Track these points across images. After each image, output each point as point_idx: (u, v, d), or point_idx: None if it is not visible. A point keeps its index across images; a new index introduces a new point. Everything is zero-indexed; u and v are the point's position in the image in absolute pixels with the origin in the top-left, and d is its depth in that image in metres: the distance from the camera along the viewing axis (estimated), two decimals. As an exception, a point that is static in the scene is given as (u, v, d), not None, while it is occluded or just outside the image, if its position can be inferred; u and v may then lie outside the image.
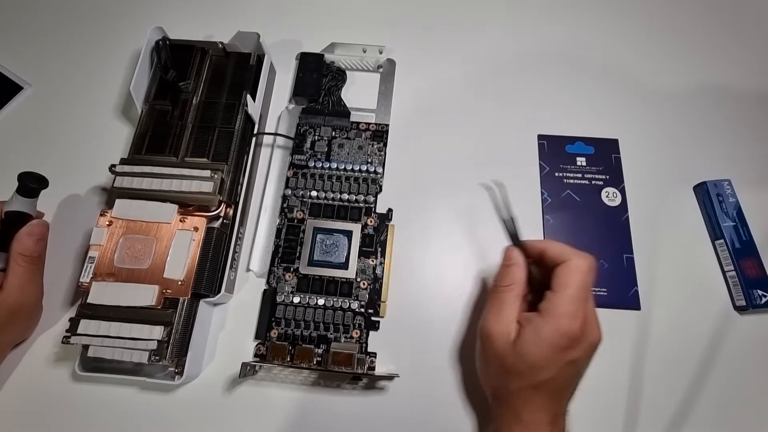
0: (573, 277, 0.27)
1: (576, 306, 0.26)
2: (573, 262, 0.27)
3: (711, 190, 0.39)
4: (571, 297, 0.27)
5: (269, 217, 0.38)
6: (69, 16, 0.48)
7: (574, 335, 0.26)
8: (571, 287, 0.27)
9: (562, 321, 0.26)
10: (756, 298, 0.35)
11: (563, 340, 0.26)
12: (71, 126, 0.43)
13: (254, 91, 0.40)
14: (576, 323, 0.26)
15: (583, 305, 0.27)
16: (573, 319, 0.26)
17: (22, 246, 0.32)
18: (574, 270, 0.27)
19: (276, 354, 0.34)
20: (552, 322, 0.26)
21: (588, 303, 0.27)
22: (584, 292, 0.27)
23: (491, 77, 0.45)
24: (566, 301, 0.26)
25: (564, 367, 0.27)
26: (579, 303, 0.27)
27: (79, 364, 0.33)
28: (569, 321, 0.26)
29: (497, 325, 0.28)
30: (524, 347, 0.27)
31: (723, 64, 0.45)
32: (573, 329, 0.26)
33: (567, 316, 0.26)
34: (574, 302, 0.26)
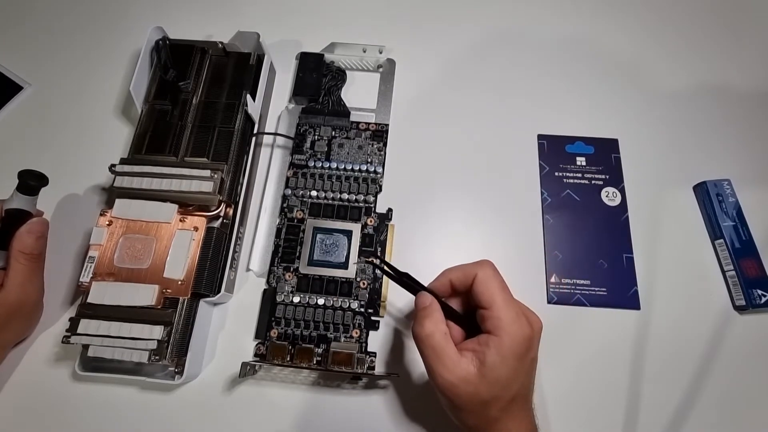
0: (491, 285, 0.27)
1: (512, 309, 0.27)
2: (480, 275, 0.28)
3: (711, 189, 0.39)
4: (504, 303, 0.27)
5: (269, 216, 0.38)
6: (69, 16, 0.48)
7: (528, 335, 0.27)
8: (497, 295, 0.27)
9: (513, 329, 0.26)
10: (756, 298, 0.35)
11: (522, 346, 0.26)
12: (71, 126, 0.43)
13: (254, 91, 0.40)
14: (523, 324, 0.27)
15: (515, 304, 0.28)
16: (519, 322, 0.27)
17: (22, 244, 0.32)
18: (486, 280, 0.28)
19: (276, 354, 0.34)
20: (507, 336, 0.26)
21: (514, 299, 0.28)
22: (506, 292, 0.28)
23: (491, 77, 0.45)
24: (503, 310, 0.27)
25: (528, 368, 0.28)
26: (511, 304, 0.27)
27: (79, 363, 0.33)
28: (518, 326, 0.27)
29: (449, 373, 0.27)
30: (494, 372, 0.26)
31: (723, 64, 0.45)
32: (525, 331, 0.27)
33: (514, 322, 0.27)
34: (509, 306, 0.27)
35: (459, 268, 0.29)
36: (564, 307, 0.37)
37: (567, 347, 0.36)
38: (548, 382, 0.35)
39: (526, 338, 0.26)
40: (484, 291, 0.27)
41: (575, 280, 0.37)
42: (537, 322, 0.28)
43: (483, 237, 0.39)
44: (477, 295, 0.28)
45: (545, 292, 0.37)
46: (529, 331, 0.27)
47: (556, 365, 0.35)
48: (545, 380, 0.35)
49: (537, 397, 0.34)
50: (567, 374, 0.35)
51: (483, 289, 0.28)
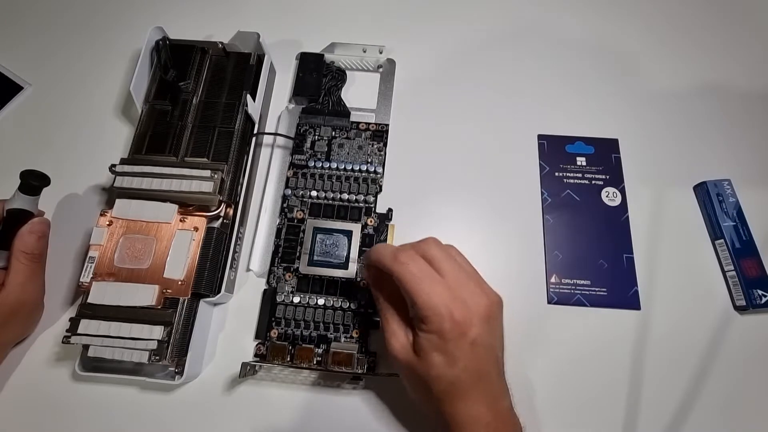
0: (405, 281, 0.26)
1: (436, 296, 0.25)
2: (394, 273, 0.27)
3: (711, 189, 0.39)
4: (423, 294, 0.25)
5: (269, 216, 0.38)
6: (69, 16, 0.48)
7: (458, 320, 0.25)
8: (414, 289, 0.26)
9: (439, 318, 0.25)
10: (756, 298, 0.35)
11: (453, 332, 0.25)
12: (71, 126, 0.43)
13: (254, 91, 0.40)
14: (452, 309, 0.25)
15: (441, 288, 0.26)
16: (446, 308, 0.25)
17: (23, 244, 0.32)
18: (400, 276, 0.26)
19: (276, 354, 0.34)
20: (432, 324, 0.25)
21: (446, 283, 0.26)
22: (427, 281, 0.26)
23: (491, 77, 0.45)
24: (423, 299, 0.25)
25: (469, 352, 0.26)
26: (435, 291, 0.26)
27: (80, 363, 0.33)
28: (444, 312, 0.25)
29: (394, 340, 0.28)
30: (423, 353, 0.26)
31: (724, 63, 0.45)
32: (454, 317, 0.25)
33: (439, 307, 0.25)
34: (430, 295, 0.25)
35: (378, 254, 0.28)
36: (564, 308, 0.37)
37: (567, 347, 0.36)
38: (548, 382, 0.35)
39: (456, 323, 0.25)
40: (402, 286, 0.26)
41: (575, 281, 0.37)
42: (478, 303, 0.26)
43: (483, 237, 0.39)
44: (401, 290, 0.27)
45: (545, 292, 0.37)
46: (459, 317, 0.25)
47: (557, 365, 0.35)
48: (545, 380, 0.35)
49: (537, 397, 0.34)
50: (567, 374, 0.35)
51: (400, 284, 0.26)
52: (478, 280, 0.28)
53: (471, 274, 0.29)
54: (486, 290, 0.28)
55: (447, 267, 0.27)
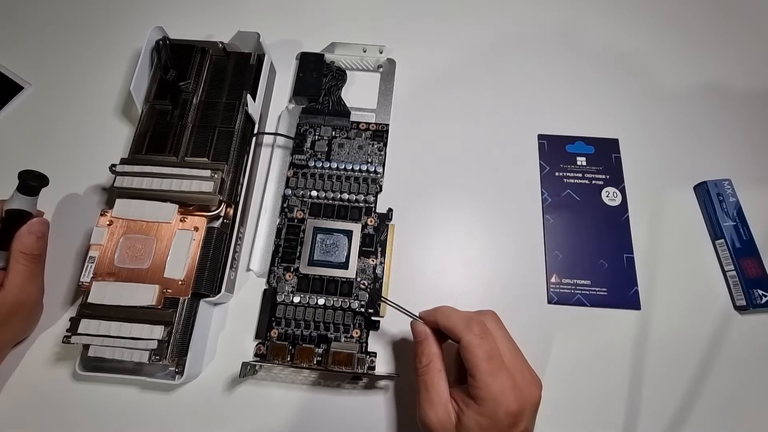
0: (475, 356, 0.26)
1: (498, 382, 0.25)
2: (465, 341, 0.26)
3: (711, 189, 0.39)
4: (488, 376, 0.25)
5: (269, 216, 0.38)
6: (69, 16, 0.48)
7: (513, 411, 0.25)
8: (481, 367, 0.25)
9: (496, 404, 0.25)
10: (756, 298, 0.35)
11: (505, 421, 0.25)
12: (71, 126, 0.43)
13: (254, 91, 0.40)
14: (510, 399, 0.25)
15: (504, 375, 0.25)
16: (505, 397, 0.25)
17: (22, 244, 0.32)
18: (469, 346, 0.26)
19: (276, 354, 0.34)
20: (487, 408, 0.25)
21: (508, 369, 0.26)
22: (496, 362, 0.26)
23: (492, 77, 0.45)
24: (487, 381, 0.25)
25: None
26: (499, 376, 0.25)
27: (80, 363, 0.33)
28: (504, 400, 0.25)
29: (432, 413, 0.26)
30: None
31: (724, 63, 0.45)
32: (510, 407, 0.25)
33: (499, 395, 0.25)
34: (494, 379, 0.25)
35: (450, 317, 0.28)
36: (564, 307, 0.37)
37: (567, 347, 0.36)
38: (548, 382, 0.34)
39: (510, 414, 0.25)
40: (468, 358, 0.26)
41: (575, 280, 0.37)
42: (532, 394, 0.26)
43: (483, 237, 0.39)
44: (463, 358, 0.26)
45: (545, 292, 0.37)
46: (515, 408, 0.25)
47: (557, 365, 0.35)
48: (545, 380, 0.34)
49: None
50: (567, 374, 0.35)
51: (467, 355, 0.26)
52: (527, 365, 0.28)
53: (521, 356, 0.28)
54: (534, 377, 0.27)
55: (505, 348, 0.27)
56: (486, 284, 0.37)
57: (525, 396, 0.26)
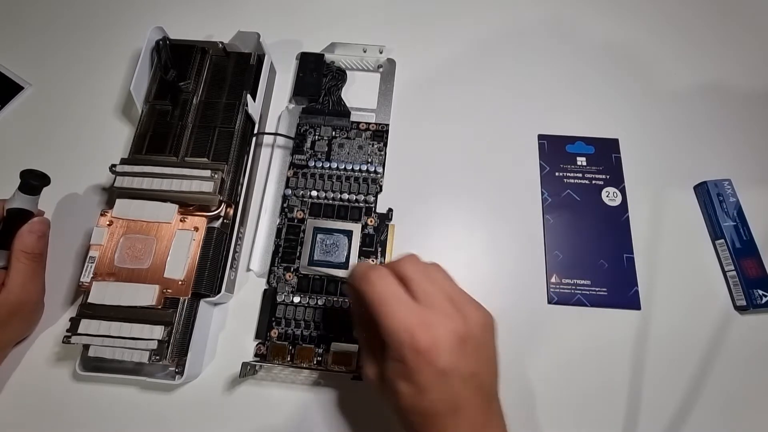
0: (370, 302, 0.24)
1: (397, 320, 0.23)
2: (360, 291, 0.24)
3: (711, 189, 0.39)
4: (384, 317, 0.23)
5: (269, 216, 0.38)
6: (69, 16, 0.48)
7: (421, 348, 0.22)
8: (376, 311, 0.24)
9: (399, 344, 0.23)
10: (756, 298, 0.35)
11: (414, 359, 0.23)
12: (71, 126, 0.43)
13: (254, 91, 0.40)
14: (415, 336, 0.22)
15: (404, 313, 0.23)
16: (407, 334, 0.23)
17: (23, 243, 0.32)
18: (365, 296, 0.24)
19: (276, 354, 0.34)
20: (394, 351, 0.23)
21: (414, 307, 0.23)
22: (392, 303, 0.23)
23: (492, 77, 0.45)
24: (384, 324, 0.23)
25: (439, 383, 0.23)
26: (398, 316, 0.23)
27: (80, 363, 0.33)
28: (405, 338, 0.23)
29: (366, 369, 0.26)
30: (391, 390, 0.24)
31: (725, 63, 0.45)
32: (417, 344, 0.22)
33: (399, 333, 0.23)
34: (391, 319, 0.23)
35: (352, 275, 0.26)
36: (564, 308, 0.37)
37: (567, 347, 0.36)
38: (549, 382, 0.35)
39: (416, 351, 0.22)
40: (367, 306, 0.24)
41: (576, 281, 0.37)
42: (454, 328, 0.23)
43: (483, 237, 0.39)
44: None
45: (545, 292, 0.37)
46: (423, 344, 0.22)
47: (557, 365, 0.35)
48: (546, 380, 0.35)
49: (537, 396, 0.34)
50: (567, 374, 0.35)
51: (365, 304, 0.24)
52: (458, 301, 0.25)
53: (451, 294, 0.25)
54: (466, 311, 0.24)
55: (422, 288, 0.24)
56: (486, 284, 0.37)
57: (437, 330, 0.23)
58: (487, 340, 0.25)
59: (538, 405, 0.34)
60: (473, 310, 0.25)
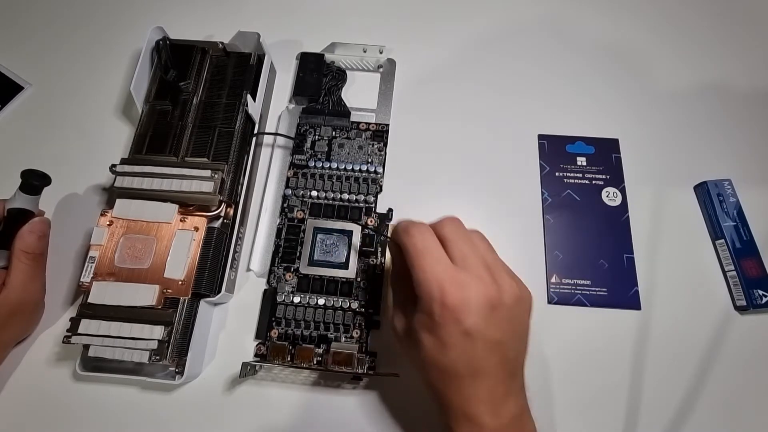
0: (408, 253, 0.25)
1: (432, 274, 0.24)
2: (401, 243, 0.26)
3: (711, 189, 0.39)
4: (419, 270, 0.24)
5: (269, 216, 0.38)
6: (69, 17, 0.48)
7: (449, 304, 0.23)
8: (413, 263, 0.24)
9: (430, 297, 0.23)
10: (756, 298, 0.35)
11: (442, 315, 0.23)
12: (72, 126, 0.43)
13: (254, 91, 0.40)
14: (445, 291, 0.23)
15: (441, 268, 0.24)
16: (439, 290, 0.23)
17: (24, 243, 0.32)
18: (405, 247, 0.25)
19: (276, 354, 0.34)
20: (423, 304, 0.24)
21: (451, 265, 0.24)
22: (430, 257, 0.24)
23: (492, 77, 0.45)
24: (418, 276, 0.24)
25: (462, 342, 0.23)
26: (434, 270, 0.24)
27: (80, 363, 0.33)
28: (436, 293, 0.23)
29: (394, 317, 0.27)
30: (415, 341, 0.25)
31: (725, 63, 0.45)
32: (446, 299, 0.23)
33: (431, 287, 0.23)
34: (426, 273, 0.24)
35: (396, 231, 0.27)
36: (564, 308, 0.37)
37: (567, 347, 0.36)
38: (549, 382, 0.35)
39: (445, 306, 0.23)
40: (406, 257, 0.25)
41: (576, 281, 0.37)
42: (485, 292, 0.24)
43: (483, 237, 0.39)
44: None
45: (546, 292, 0.37)
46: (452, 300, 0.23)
47: (557, 365, 0.35)
48: (546, 380, 0.35)
49: (537, 396, 0.34)
50: (567, 374, 0.35)
51: (405, 255, 0.25)
52: (495, 269, 0.25)
53: (489, 261, 0.25)
54: (502, 281, 0.25)
55: (460, 249, 0.25)
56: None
57: (470, 290, 0.23)
58: (519, 314, 0.26)
59: (538, 405, 0.34)
60: (509, 280, 0.25)
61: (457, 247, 0.25)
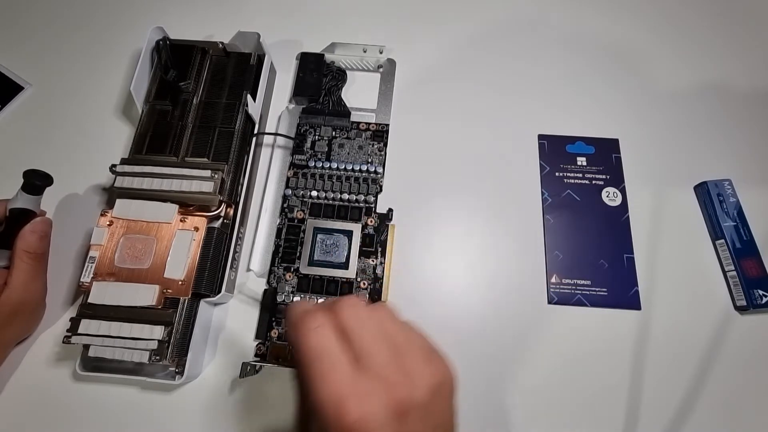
0: (296, 349, 0.21)
1: (321, 388, 0.20)
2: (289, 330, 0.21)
3: (711, 189, 0.39)
4: (311, 380, 0.20)
5: (269, 217, 0.38)
6: (69, 17, 0.48)
7: (346, 424, 0.19)
8: (300, 363, 0.20)
9: (324, 416, 0.19)
10: (757, 298, 0.35)
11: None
12: (72, 126, 0.43)
13: (254, 91, 0.40)
14: (342, 409, 0.19)
15: (336, 379, 0.20)
16: (333, 407, 0.19)
17: (26, 243, 0.32)
18: (293, 340, 0.21)
19: (276, 354, 0.34)
20: (318, 422, 0.20)
21: (342, 366, 0.20)
22: (319, 358, 0.20)
23: (492, 77, 0.45)
24: (310, 388, 0.20)
25: None
26: (328, 382, 0.20)
27: (80, 363, 0.33)
28: (331, 411, 0.19)
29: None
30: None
31: (725, 63, 0.45)
32: (342, 419, 0.19)
33: (325, 404, 0.19)
34: (320, 384, 0.20)
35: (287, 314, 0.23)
36: (564, 308, 0.37)
37: (567, 348, 0.36)
38: (549, 382, 0.35)
39: (343, 427, 0.19)
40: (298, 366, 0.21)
41: (576, 281, 0.37)
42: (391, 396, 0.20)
43: (483, 237, 0.39)
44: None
45: (546, 292, 0.37)
46: (349, 419, 0.19)
47: (557, 365, 0.35)
48: (546, 380, 0.35)
49: (537, 397, 0.34)
50: (567, 374, 0.35)
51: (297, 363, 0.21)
52: (407, 356, 0.21)
53: (399, 343, 0.21)
54: (415, 372, 0.21)
55: (360, 340, 0.21)
56: (486, 284, 0.37)
57: (374, 402, 0.19)
58: (439, 405, 0.21)
59: (538, 405, 0.34)
60: (422, 367, 0.21)
61: (358, 338, 0.21)
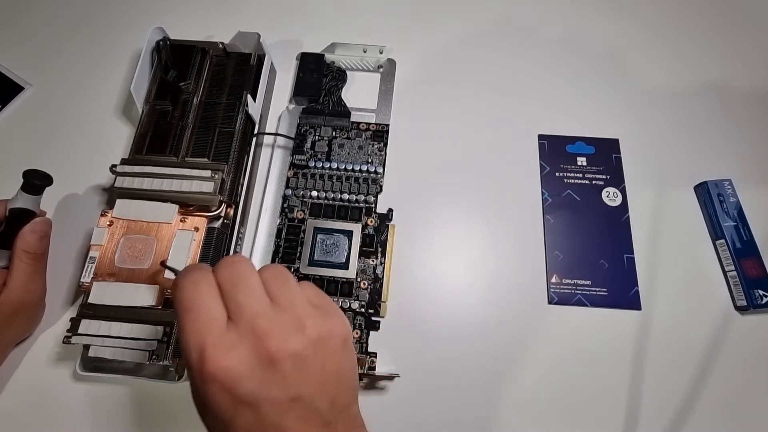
0: (173, 299, 0.21)
1: (183, 332, 0.19)
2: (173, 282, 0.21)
3: (712, 189, 0.39)
4: (178, 325, 0.20)
5: (270, 217, 0.38)
6: (69, 17, 0.48)
7: (199, 375, 0.19)
8: (175, 311, 0.20)
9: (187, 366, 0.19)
10: (757, 298, 0.35)
11: (196, 387, 0.19)
12: (72, 126, 0.43)
13: (255, 91, 0.40)
14: (189, 352, 0.19)
15: (198, 324, 0.19)
16: (187, 351, 0.19)
17: (25, 243, 0.32)
18: (172, 292, 0.21)
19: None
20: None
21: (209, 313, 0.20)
22: (191, 308, 0.20)
23: (492, 77, 0.45)
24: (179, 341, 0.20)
25: (237, 416, 0.19)
26: (186, 326, 0.20)
27: (80, 363, 0.33)
28: (186, 356, 0.19)
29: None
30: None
31: (725, 63, 0.45)
32: (192, 369, 0.19)
33: (183, 350, 0.19)
34: (181, 329, 0.20)
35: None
36: (565, 308, 0.37)
37: (568, 348, 0.36)
38: (548, 382, 0.35)
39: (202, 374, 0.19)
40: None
41: (576, 281, 0.37)
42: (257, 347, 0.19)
43: (483, 237, 0.39)
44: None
45: (546, 292, 0.37)
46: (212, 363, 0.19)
47: (557, 365, 0.35)
48: (546, 380, 0.35)
49: (537, 397, 0.34)
50: (567, 374, 0.35)
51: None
52: (289, 305, 0.21)
53: (282, 298, 0.21)
54: (291, 323, 0.20)
55: (235, 295, 0.20)
56: (486, 284, 0.37)
57: (240, 351, 0.19)
58: (323, 357, 0.21)
59: (538, 405, 0.34)
60: (304, 320, 0.21)
61: (232, 293, 0.20)
